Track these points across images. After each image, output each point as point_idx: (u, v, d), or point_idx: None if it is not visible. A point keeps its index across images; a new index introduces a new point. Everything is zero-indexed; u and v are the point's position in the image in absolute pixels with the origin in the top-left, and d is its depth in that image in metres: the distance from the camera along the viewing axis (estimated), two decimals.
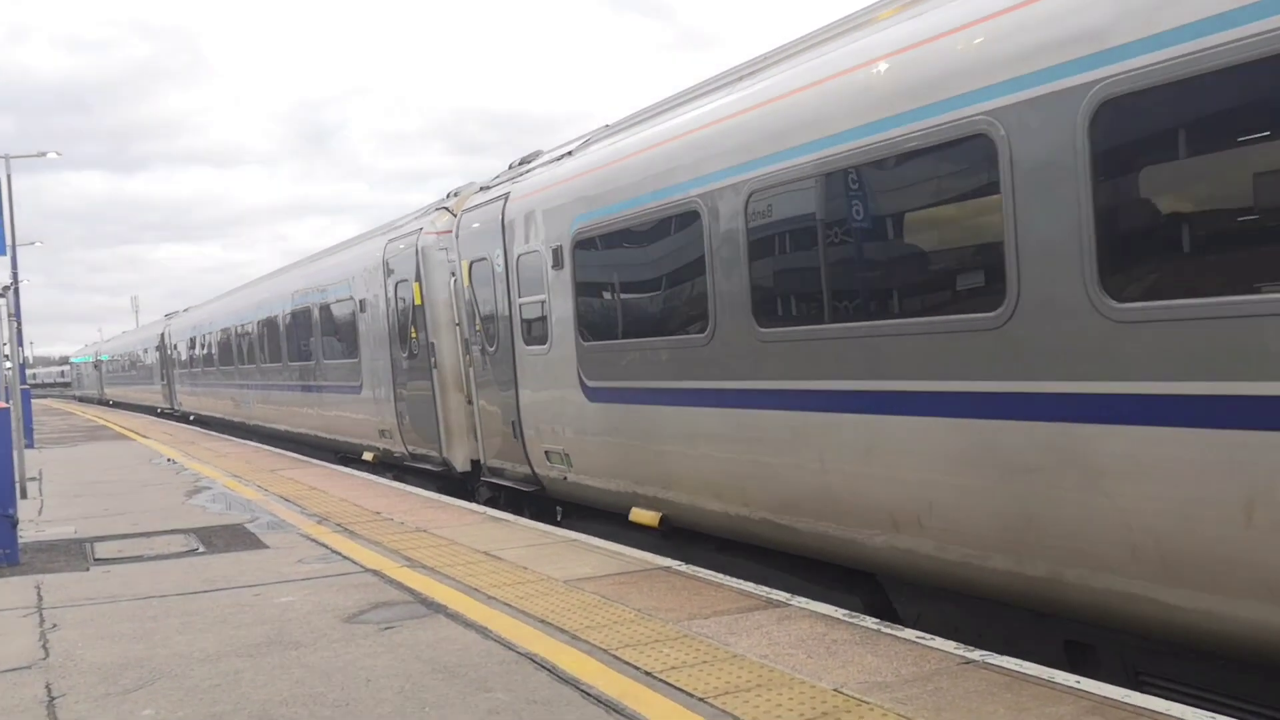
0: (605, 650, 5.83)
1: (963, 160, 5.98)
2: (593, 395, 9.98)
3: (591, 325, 9.96)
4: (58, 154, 38.51)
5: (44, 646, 6.60)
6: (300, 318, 20.27)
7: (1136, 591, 5.17)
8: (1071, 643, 5.95)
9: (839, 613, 6.36)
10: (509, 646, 6.03)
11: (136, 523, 11.64)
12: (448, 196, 14.26)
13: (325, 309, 18.59)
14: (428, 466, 14.53)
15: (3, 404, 9.99)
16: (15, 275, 26.06)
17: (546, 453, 11.01)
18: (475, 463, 13.29)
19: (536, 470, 11.31)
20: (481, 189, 12.95)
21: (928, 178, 6.29)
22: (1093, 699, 4.67)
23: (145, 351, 45.47)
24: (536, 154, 12.28)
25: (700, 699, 4.97)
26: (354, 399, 17.08)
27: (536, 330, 11.00)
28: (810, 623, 6.16)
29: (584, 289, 10.02)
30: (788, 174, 7.21)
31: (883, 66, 6.49)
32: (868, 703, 4.80)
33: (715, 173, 7.92)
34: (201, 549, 9.80)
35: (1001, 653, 5.48)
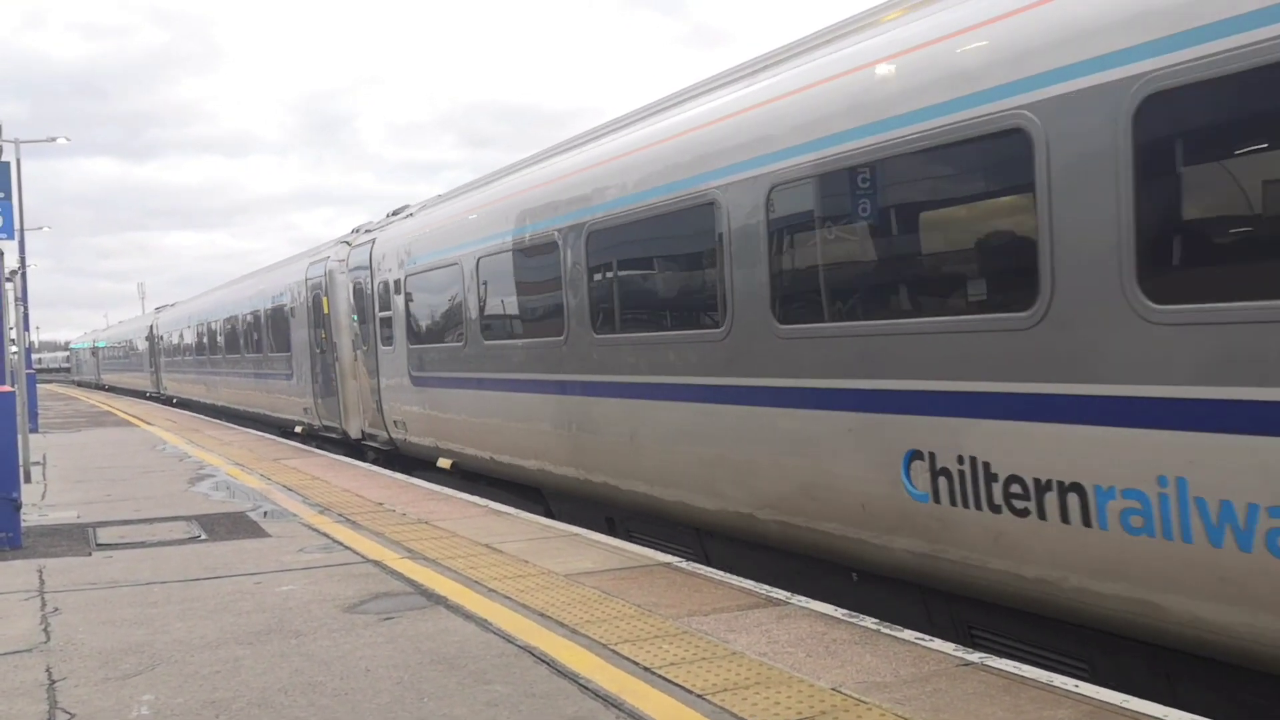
0: (604, 645, 5.84)
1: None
2: (415, 381, 14.59)
3: (414, 333, 14.63)
4: (67, 139, 38.52)
5: (45, 630, 6.62)
6: (252, 319, 25.21)
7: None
8: None
9: (839, 612, 6.36)
10: (508, 639, 6.04)
11: (139, 509, 11.67)
12: (352, 233, 18.52)
13: (269, 313, 23.37)
14: (333, 435, 19.13)
15: (8, 388, 10.00)
16: (23, 260, 26.14)
17: (395, 422, 15.69)
18: (364, 432, 17.60)
19: (391, 435, 16.05)
20: (367, 231, 17.54)
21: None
22: (1091, 703, 4.67)
23: (137, 341, 50.23)
24: (405, 207, 16.83)
25: (699, 695, 4.98)
26: (287, 384, 21.97)
27: (387, 335, 15.66)
28: (810, 621, 6.16)
29: (410, 309, 14.75)
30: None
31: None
32: (866, 703, 4.80)
33: (480, 238, 12.17)
34: (203, 536, 9.82)
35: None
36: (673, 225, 8.74)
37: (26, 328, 25.67)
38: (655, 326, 9.12)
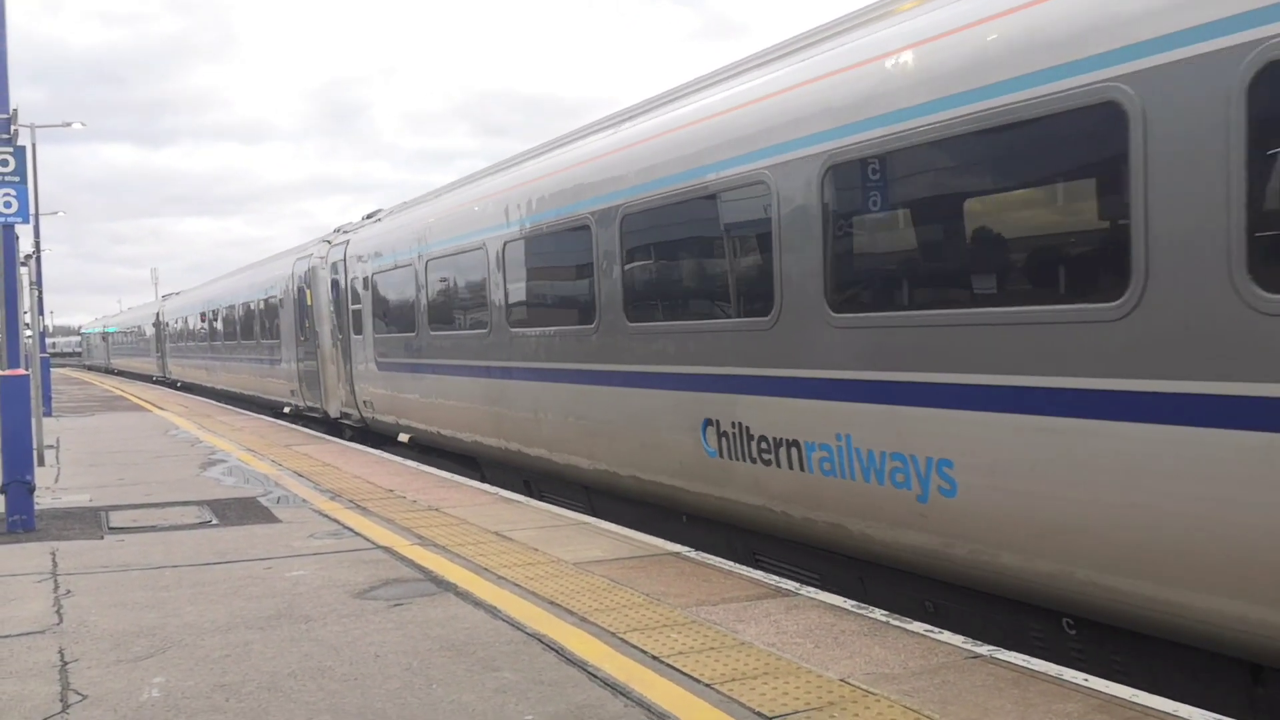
0: (613, 633, 5.85)
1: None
2: (379, 366, 16.59)
3: (379, 324, 16.67)
4: (83, 124, 38.56)
5: (58, 612, 6.66)
6: (247, 309, 27.32)
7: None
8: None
9: (848, 604, 6.36)
10: (517, 627, 6.05)
11: (151, 493, 11.72)
12: (334, 233, 20.22)
13: (261, 304, 25.40)
14: (315, 414, 20.99)
15: (21, 371, 10.05)
16: (38, 244, 26.36)
17: (364, 402, 17.76)
18: (341, 411, 19.42)
19: (362, 414, 18.06)
20: (344, 232, 19.37)
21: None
22: (1100, 697, 4.66)
23: (145, 327, 52.49)
24: (378, 211, 18.73)
25: (707, 685, 4.98)
26: (277, 369, 23.99)
27: (358, 326, 17.72)
28: (819, 613, 6.16)
29: (375, 303, 16.83)
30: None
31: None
32: (874, 694, 4.80)
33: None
34: (215, 521, 9.86)
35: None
36: (564, 241, 10.79)
37: (41, 312, 25.84)
38: (548, 323, 11.12)
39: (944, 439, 6.11)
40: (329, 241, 19.79)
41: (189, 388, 38.67)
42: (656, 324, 8.99)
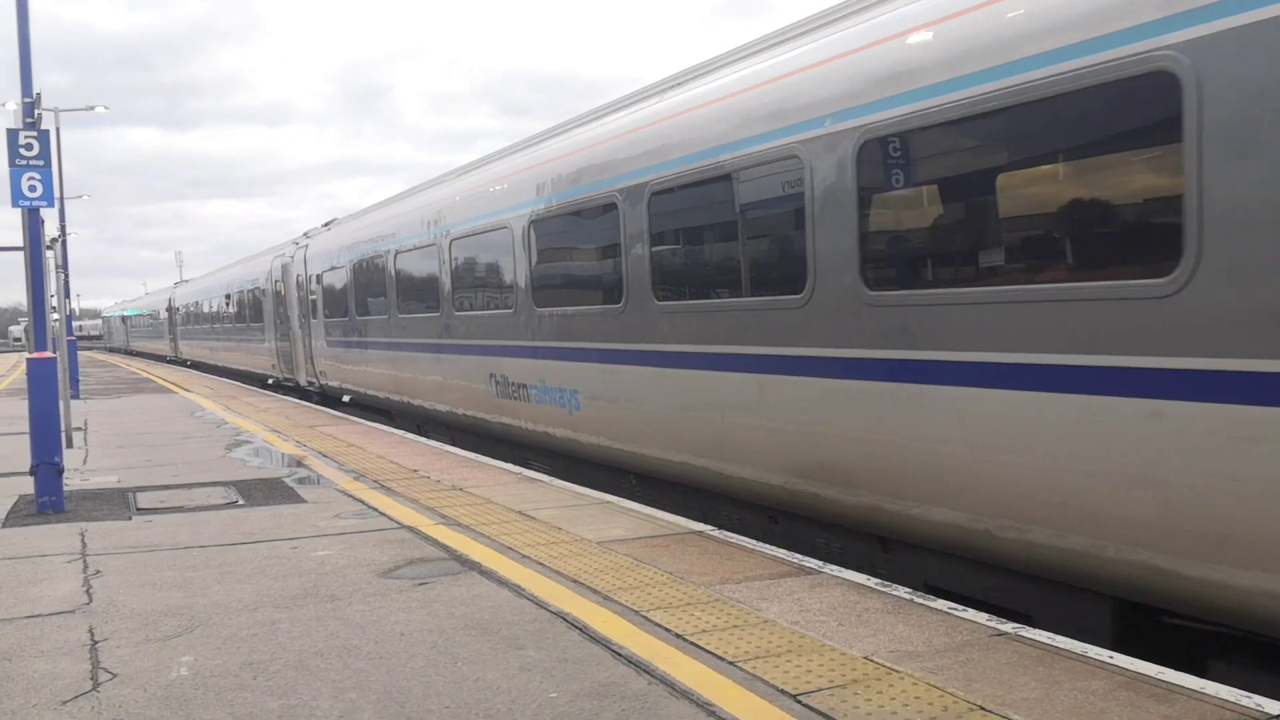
0: (636, 612, 5.86)
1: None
2: (328, 344, 21.35)
3: (328, 311, 21.26)
4: (105, 108, 38.73)
5: (88, 592, 6.74)
6: (239, 297, 32.33)
7: None
8: None
9: (871, 581, 6.35)
10: (541, 605, 6.08)
11: (177, 474, 11.83)
12: (303, 235, 24.71)
13: (250, 293, 30.33)
14: (289, 383, 26.06)
15: (49, 353, 10.14)
16: (63, 228, 26.64)
17: (320, 372, 22.50)
18: (307, 380, 23.98)
19: (319, 381, 22.83)
20: (309, 236, 23.88)
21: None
22: (1126, 674, 4.65)
23: (158, 312, 58.07)
24: (334, 220, 23.01)
25: (730, 662, 4.99)
26: (261, 347, 29.08)
27: (314, 312, 22.35)
28: (842, 590, 6.16)
29: (324, 294, 21.48)
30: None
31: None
32: (898, 671, 4.80)
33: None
34: (241, 501, 9.94)
35: None
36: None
37: (67, 295, 26.08)
38: (415, 311, 15.78)
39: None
40: (297, 244, 24.60)
41: (196, 366, 43.54)
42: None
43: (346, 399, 20.78)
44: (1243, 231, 4.66)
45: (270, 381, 28.70)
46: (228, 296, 34.63)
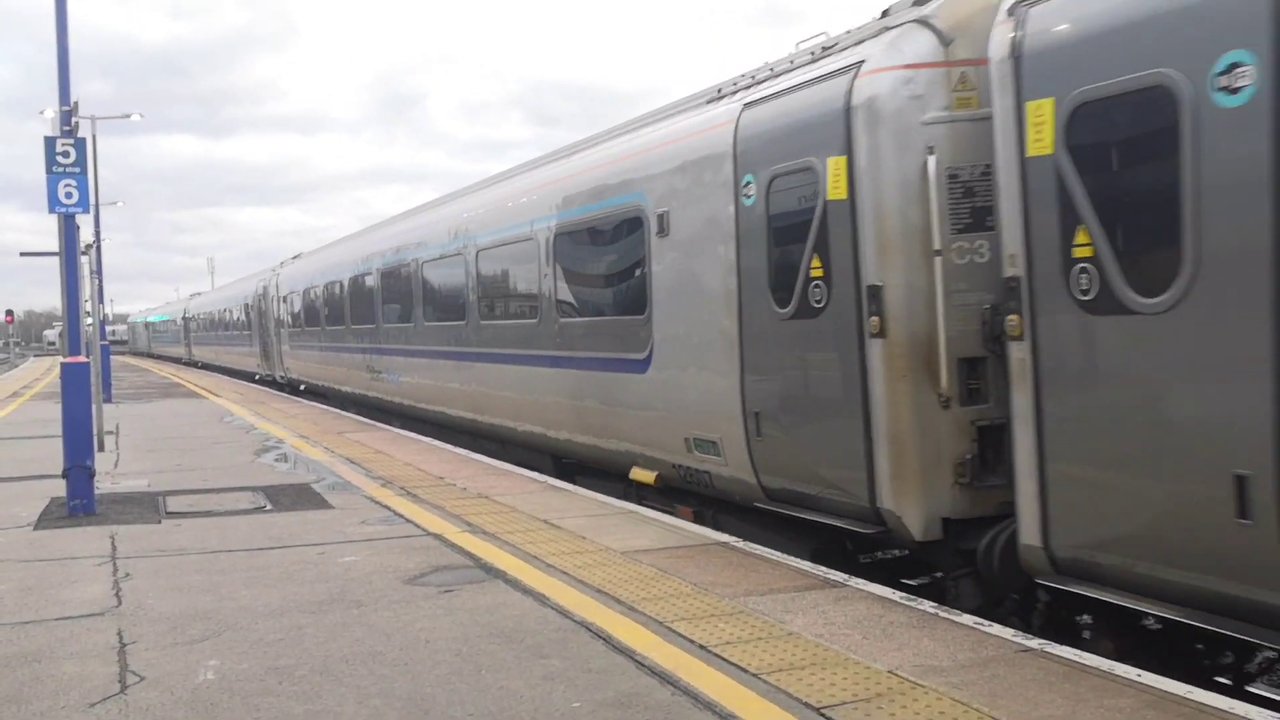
0: (660, 622, 5.86)
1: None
2: (293, 347, 28.30)
3: (292, 324, 28.08)
4: (140, 116, 39.24)
5: (117, 595, 6.81)
6: (235, 310, 39.49)
7: None
8: None
9: (896, 595, 6.33)
10: (565, 614, 6.09)
11: (206, 479, 11.92)
12: (279, 264, 30.96)
13: (242, 307, 37.37)
14: (270, 379, 32.18)
15: (82, 358, 10.26)
16: (98, 234, 27.15)
17: (288, 368, 29.20)
18: (279, 376, 30.64)
19: (288, 376, 29.44)
20: (283, 264, 30.24)
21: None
22: (1154, 693, 4.60)
23: (177, 319, 65.49)
24: (300, 254, 29.65)
25: (754, 675, 4.98)
26: (250, 350, 35.90)
27: (284, 323, 28.97)
28: (867, 604, 6.14)
29: (288, 311, 28.44)
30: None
31: None
32: (922, 686, 4.77)
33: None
34: (269, 507, 10.02)
35: None
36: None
37: (101, 300, 26.40)
38: (337, 323, 22.82)
39: None
40: (274, 271, 31.43)
41: (206, 366, 50.51)
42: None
43: (303, 387, 28.00)
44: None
45: (256, 377, 35.51)
46: (228, 310, 42.41)
